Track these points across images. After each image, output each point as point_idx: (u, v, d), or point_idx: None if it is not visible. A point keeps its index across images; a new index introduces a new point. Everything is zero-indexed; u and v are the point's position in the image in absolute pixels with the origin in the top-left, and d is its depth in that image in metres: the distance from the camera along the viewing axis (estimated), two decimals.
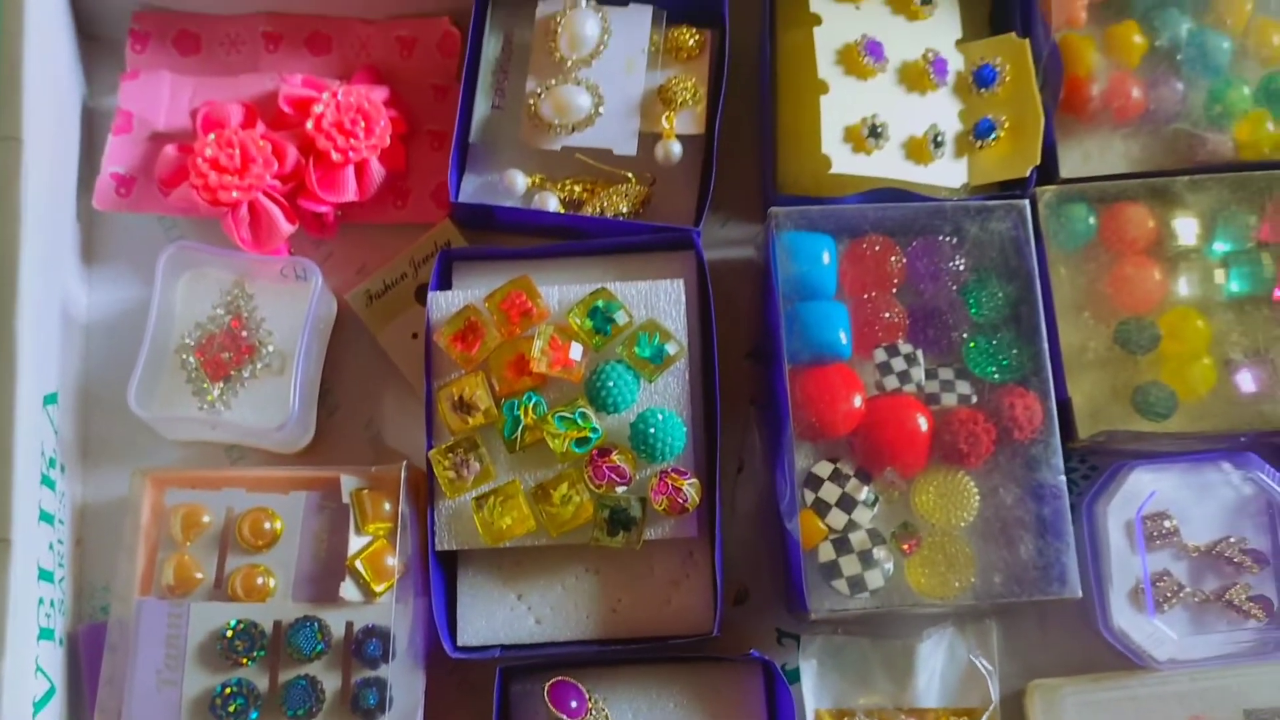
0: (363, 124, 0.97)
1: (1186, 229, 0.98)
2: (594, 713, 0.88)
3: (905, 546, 0.91)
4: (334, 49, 1.06)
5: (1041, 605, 0.94)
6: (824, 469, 0.92)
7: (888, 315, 0.94)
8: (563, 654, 0.91)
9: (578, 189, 1.00)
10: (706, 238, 1.03)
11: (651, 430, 0.89)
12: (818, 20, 0.98)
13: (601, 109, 0.98)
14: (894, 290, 0.96)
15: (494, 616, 0.92)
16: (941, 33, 1.01)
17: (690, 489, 0.89)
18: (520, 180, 0.99)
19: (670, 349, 0.91)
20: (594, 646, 0.91)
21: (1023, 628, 0.97)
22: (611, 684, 0.90)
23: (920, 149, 0.97)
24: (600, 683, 0.90)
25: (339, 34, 1.06)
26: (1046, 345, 0.93)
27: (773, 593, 0.97)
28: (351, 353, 1.02)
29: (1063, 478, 0.91)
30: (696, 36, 1.01)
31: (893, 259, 0.96)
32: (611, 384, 0.90)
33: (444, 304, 0.93)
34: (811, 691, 0.92)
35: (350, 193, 0.98)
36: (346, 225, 1.02)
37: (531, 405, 0.90)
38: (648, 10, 1.00)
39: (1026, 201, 0.96)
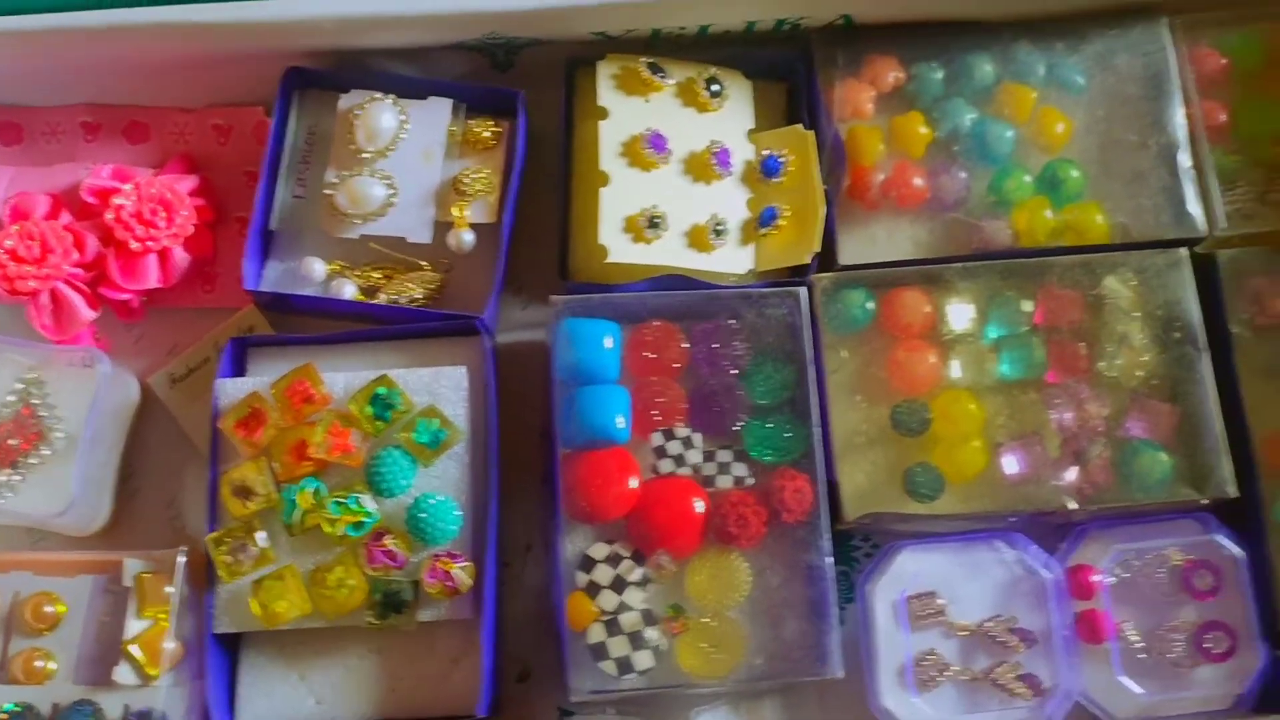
0: (164, 213, 1.01)
1: (961, 314, 1.01)
2: None
3: (673, 629, 0.93)
4: (152, 137, 1.09)
5: (822, 684, 0.96)
6: (599, 551, 0.95)
7: (663, 399, 0.97)
8: None
9: (376, 275, 1.03)
10: (508, 321, 1.07)
11: (424, 515, 0.92)
12: (604, 114, 1.01)
13: (396, 199, 1.01)
14: (677, 375, 0.99)
15: (274, 696, 0.94)
16: (732, 124, 1.05)
17: (462, 573, 0.92)
18: (319, 267, 1.02)
19: (447, 434, 0.94)
20: None
21: (804, 706, 0.99)
22: None
23: (702, 238, 1.00)
24: None
25: (157, 122, 1.09)
26: (818, 428, 0.96)
27: (556, 670, 0.99)
28: (157, 435, 1.04)
29: (829, 559, 0.94)
30: (494, 128, 1.05)
31: (674, 344, 0.99)
32: (386, 469, 0.93)
33: (230, 391, 0.96)
34: None
35: (153, 280, 1.01)
36: (157, 309, 1.05)
37: (311, 490, 0.93)
38: (447, 103, 1.04)
39: (802, 288, 0.99)
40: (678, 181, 1.01)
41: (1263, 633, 0.96)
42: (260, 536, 0.92)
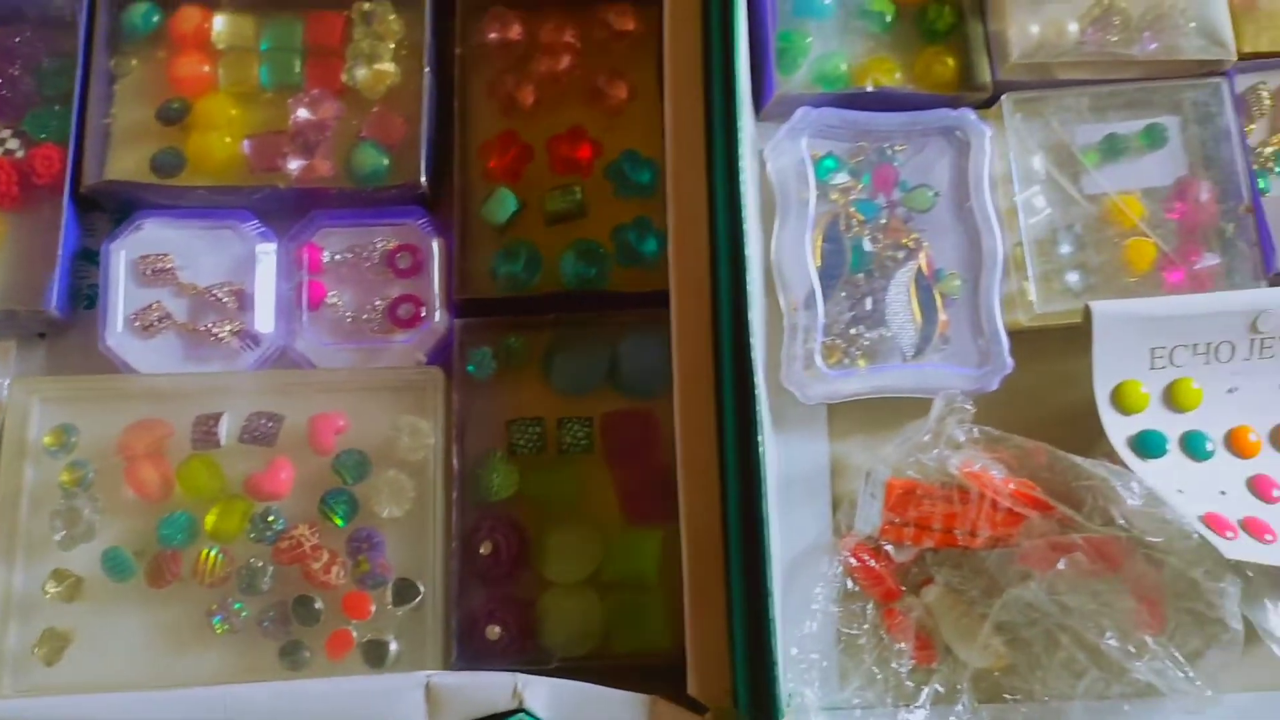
0: None
1: (234, 30, 1.16)
2: None
3: None
4: None
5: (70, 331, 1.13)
6: None
7: None
8: None
9: None
10: None
11: None
12: None
13: None
14: None
15: None
16: None
17: None
18: None
19: None
20: None
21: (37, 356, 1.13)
22: None
23: None
24: None
25: None
26: (78, 113, 1.12)
27: None
28: None
29: (66, 214, 1.10)
30: None
31: None
32: None
33: None
34: None
35: None
36: None
37: None
38: None
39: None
40: None
41: (445, 305, 1.11)
42: None
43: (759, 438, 0.92)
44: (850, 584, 1.03)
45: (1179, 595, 0.95)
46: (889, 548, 1.03)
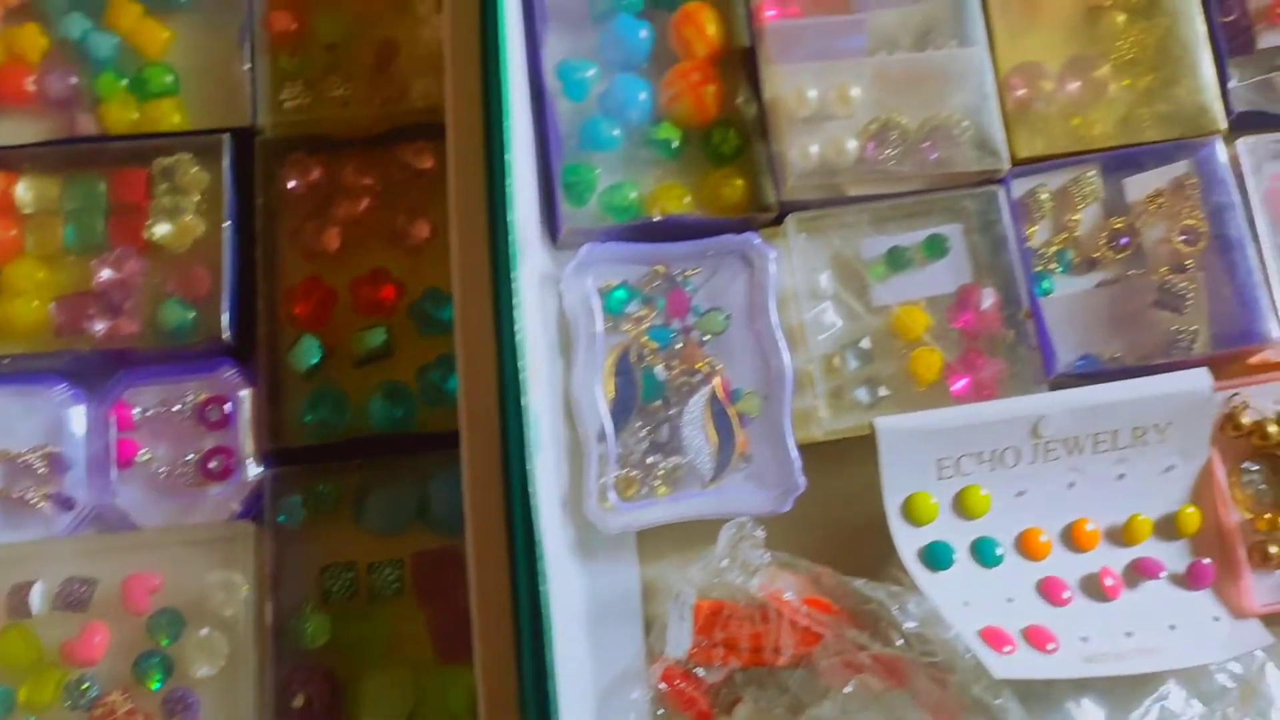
0: None
1: (39, 191, 1.18)
2: None
3: None
4: None
5: None
6: None
7: None
8: None
9: None
10: None
11: None
12: None
13: None
14: None
15: None
16: None
17: None
18: None
19: None
20: None
21: None
22: None
23: None
24: None
25: None
26: None
27: None
28: None
29: None
30: None
31: None
32: None
33: None
34: None
35: None
36: None
37: None
38: None
39: None
40: None
41: (258, 457, 1.13)
42: None
43: (543, 588, 0.93)
44: (662, 710, 1.04)
45: (967, 710, 0.97)
46: (699, 670, 1.04)
